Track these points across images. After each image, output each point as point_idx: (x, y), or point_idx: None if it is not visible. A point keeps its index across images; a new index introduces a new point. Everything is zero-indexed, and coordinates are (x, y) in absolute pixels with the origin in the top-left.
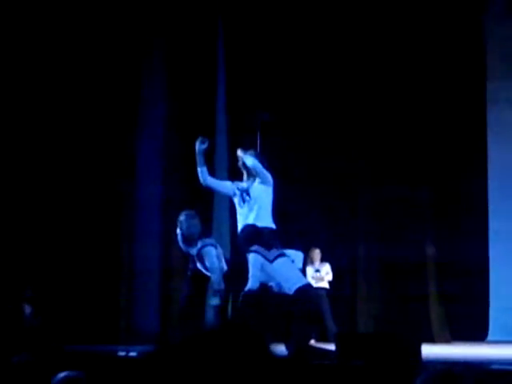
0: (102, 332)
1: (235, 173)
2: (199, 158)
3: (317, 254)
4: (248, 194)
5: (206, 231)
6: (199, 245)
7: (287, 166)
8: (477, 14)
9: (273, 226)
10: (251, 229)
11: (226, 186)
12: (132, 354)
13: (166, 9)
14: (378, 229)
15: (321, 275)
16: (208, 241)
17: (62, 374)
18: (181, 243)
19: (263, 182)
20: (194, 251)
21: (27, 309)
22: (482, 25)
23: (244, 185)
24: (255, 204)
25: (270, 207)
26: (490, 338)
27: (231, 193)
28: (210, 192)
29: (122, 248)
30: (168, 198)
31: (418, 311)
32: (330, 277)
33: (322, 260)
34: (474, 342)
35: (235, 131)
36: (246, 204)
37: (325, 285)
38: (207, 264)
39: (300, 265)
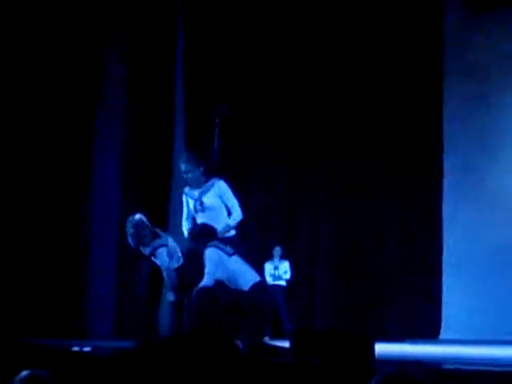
0: (55, 326)
1: None
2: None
3: (277, 251)
4: (201, 204)
5: (156, 231)
6: (150, 248)
7: (246, 161)
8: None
9: (231, 233)
10: (208, 226)
11: (185, 207)
12: (86, 349)
13: (126, 4)
14: (336, 228)
15: (279, 273)
16: (158, 242)
17: (24, 373)
18: (132, 246)
19: (219, 194)
20: (146, 251)
21: None
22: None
23: (195, 193)
24: (210, 214)
25: (226, 213)
26: (442, 336)
27: (188, 207)
28: (166, 181)
29: (78, 241)
30: (124, 184)
31: (372, 309)
32: (287, 275)
33: (282, 257)
34: (426, 341)
35: (193, 127)
36: (200, 213)
37: (282, 282)
38: (159, 264)
39: None
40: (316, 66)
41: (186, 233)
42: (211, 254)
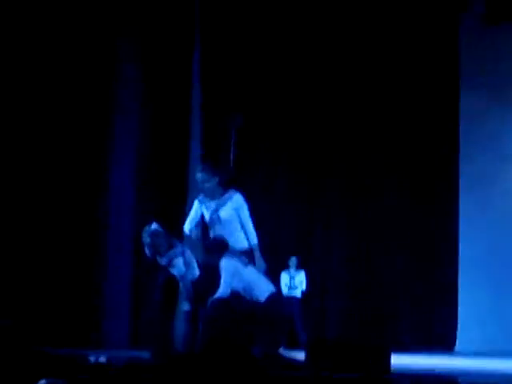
0: (72, 336)
1: None
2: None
3: (293, 261)
4: (218, 217)
5: (173, 240)
6: (167, 258)
7: (262, 171)
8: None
9: (246, 245)
10: (221, 240)
11: (195, 213)
12: (102, 359)
13: (144, 12)
14: (350, 239)
15: (294, 284)
16: (175, 252)
17: (42, 382)
18: (149, 256)
19: (236, 207)
20: (163, 261)
21: None
22: (458, 37)
23: (212, 205)
24: (225, 227)
25: (240, 226)
26: (457, 348)
27: (199, 214)
28: (182, 190)
29: (94, 254)
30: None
31: (386, 321)
32: (303, 286)
33: (298, 267)
34: (441, 353)
35: (209, 137)
36: (216, 225)
37: (297, 293)
38: (176, 273)
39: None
40: (333, 75)
41: (187, 234)
42: (227, 265)
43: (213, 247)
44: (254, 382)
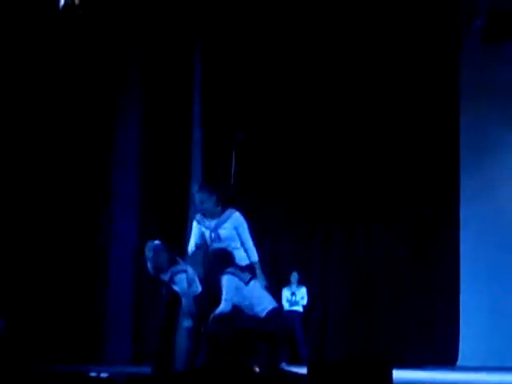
0: (73, 352)
1: None
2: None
3: (294, 276)
4: (218, 235)
5: (175, 256)
6: (169, 274)
7: (263, 188)
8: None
9: (247, 262)
10: (224, 251)
11: (195, 234)
12: (103, 374)
13: (144, 28)
14: (350, 252)
15: (295, 299)
16: (177, 268)
17: None
18: (151, 272)
19: (235, 226)
20: (165, 277)
21: None
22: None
23: (211, 224)
24: (225, 245)
25: (240, 243)
26: (460, 363)
27: (199, 234)
28: (183, 208)
29: (96, 270)
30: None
31: (389, 336)
32: (304, 301)
33: (299, 283)
34: (444, 367)
35: (210, 154)
36: (215, 244)
37: (299, 308)
38: (178, 290)
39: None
40: (335, 90)
41: (190, 255)
42: (228, 281)
43: (214, 258)
44: None
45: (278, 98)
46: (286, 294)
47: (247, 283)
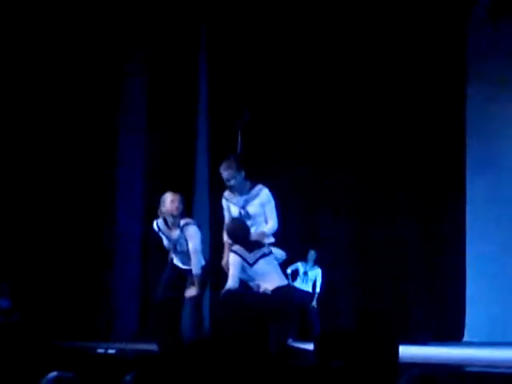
0: (80, 328)
1: (216, 177)
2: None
3: (311, 254)
4: (247, 212)
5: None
6: (182, 223)
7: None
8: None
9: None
10: (240, 225)
11: (226, 210)
12: (111, 351)
13: (149, 14)
14: (359, 229)
15: (307, 279)
16: (191, 220)
17: (52, 375)
18: (162, 225)
19: (263, 203)
20: (175, 234)
21: (5, 303)
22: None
23: (240, 200)
24: (252, 222)
25: (265, 222)
26: (466, 339)
27: (228, 211)
28: (188, 192)
29: (102, 245)
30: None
31: (396, 312)
32: (318, 283)
33: (316, 263)
34: (450, 343)
35: (216, 134)
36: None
37: (308, 288)
38: (190, 245)
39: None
40: (340, 74)
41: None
42: (233, 260)
43: (234, 228)
44: (263, 372)
45: (284, 79)
46: (300, 269)
47: (252, 265)
